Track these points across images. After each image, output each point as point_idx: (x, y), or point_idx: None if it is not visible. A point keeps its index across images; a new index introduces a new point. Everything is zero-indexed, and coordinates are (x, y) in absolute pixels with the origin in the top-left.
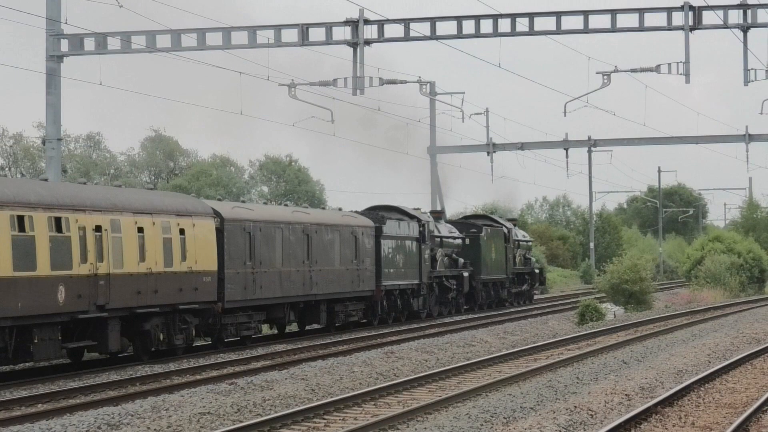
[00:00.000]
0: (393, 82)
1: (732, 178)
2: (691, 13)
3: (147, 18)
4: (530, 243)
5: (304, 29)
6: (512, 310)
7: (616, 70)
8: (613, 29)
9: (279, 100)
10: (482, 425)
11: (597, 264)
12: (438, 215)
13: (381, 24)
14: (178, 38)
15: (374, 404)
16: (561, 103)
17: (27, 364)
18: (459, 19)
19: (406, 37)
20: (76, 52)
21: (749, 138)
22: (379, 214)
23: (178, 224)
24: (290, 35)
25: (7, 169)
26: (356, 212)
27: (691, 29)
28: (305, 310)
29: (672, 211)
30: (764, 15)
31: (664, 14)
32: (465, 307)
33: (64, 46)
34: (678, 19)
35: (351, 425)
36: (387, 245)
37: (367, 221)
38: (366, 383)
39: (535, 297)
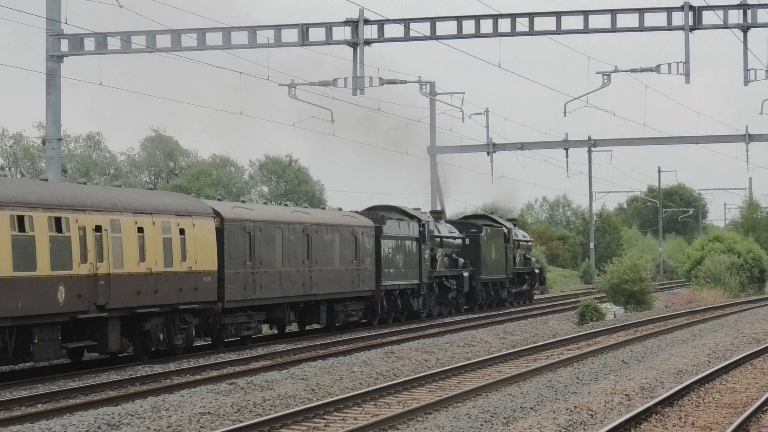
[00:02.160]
0: (393, 82)
1: (732, 178)
2: (691, 13)
3: (147, 18)
4: (530, 243)
5: (304, 29)
6: (512, 310)
7: (616, 70)
8: (613, 29)
9: (279, 100)
10: (482, 425)
11: (597, 264)
12: (438, 215)
13: (381, 24)
14: (178, 38)
15: (374, 404)
16: (561, 103)
17: (27, 364)
18: (459, 19)
19: (406, 37)
20: (76, 52)
21: (749, 138)
22: (379, 214)
23: (178, 224)
24: (290, 35)
25: (7, 169)
26: (356, 212)
27: (691, 29)
28: (305, 310)
29: (672, 211)
30: (764, 15)
31: (664, 14)
32: (465, 307)
33: (64, 46)
34: (678, 19)
35: (351, 425)
36: (387, 245)
37: (367, 221)
38: (366, 383)
39: (535, 297)
